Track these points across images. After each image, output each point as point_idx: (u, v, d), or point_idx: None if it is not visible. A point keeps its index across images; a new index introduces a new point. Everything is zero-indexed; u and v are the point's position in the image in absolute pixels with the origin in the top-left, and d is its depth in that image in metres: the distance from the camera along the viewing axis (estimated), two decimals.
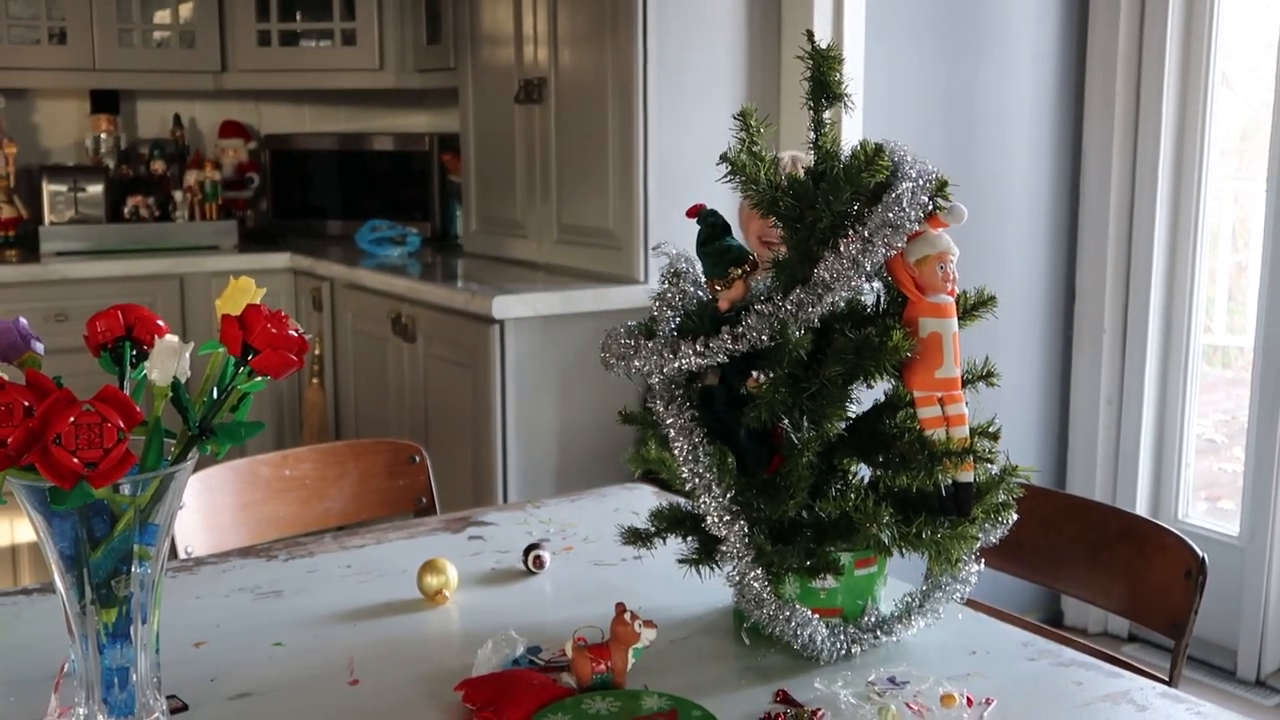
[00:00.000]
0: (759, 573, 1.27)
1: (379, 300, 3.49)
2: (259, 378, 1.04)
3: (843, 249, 1.24)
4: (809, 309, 1.24)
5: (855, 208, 1.26)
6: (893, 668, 1.28)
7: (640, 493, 1.90)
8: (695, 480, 1.28)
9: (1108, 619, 3.55)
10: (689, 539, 1.37)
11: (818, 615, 1.30)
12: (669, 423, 1.30)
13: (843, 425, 1.30)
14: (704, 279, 1.32)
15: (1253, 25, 3.33)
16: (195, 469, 1.07)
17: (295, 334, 1.04)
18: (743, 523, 1.27)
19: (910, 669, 1.27)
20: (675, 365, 1.27)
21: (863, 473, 1.36)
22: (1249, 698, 3.17)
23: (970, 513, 1.28)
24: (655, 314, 1.33)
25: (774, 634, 1.29)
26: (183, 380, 1.04)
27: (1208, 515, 3.49)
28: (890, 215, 1.23)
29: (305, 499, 2.02)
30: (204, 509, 1.88)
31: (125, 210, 4.09)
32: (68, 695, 1.10)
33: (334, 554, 1.65)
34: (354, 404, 3.73)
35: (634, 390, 1.37)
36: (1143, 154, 3.38)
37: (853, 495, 1.29)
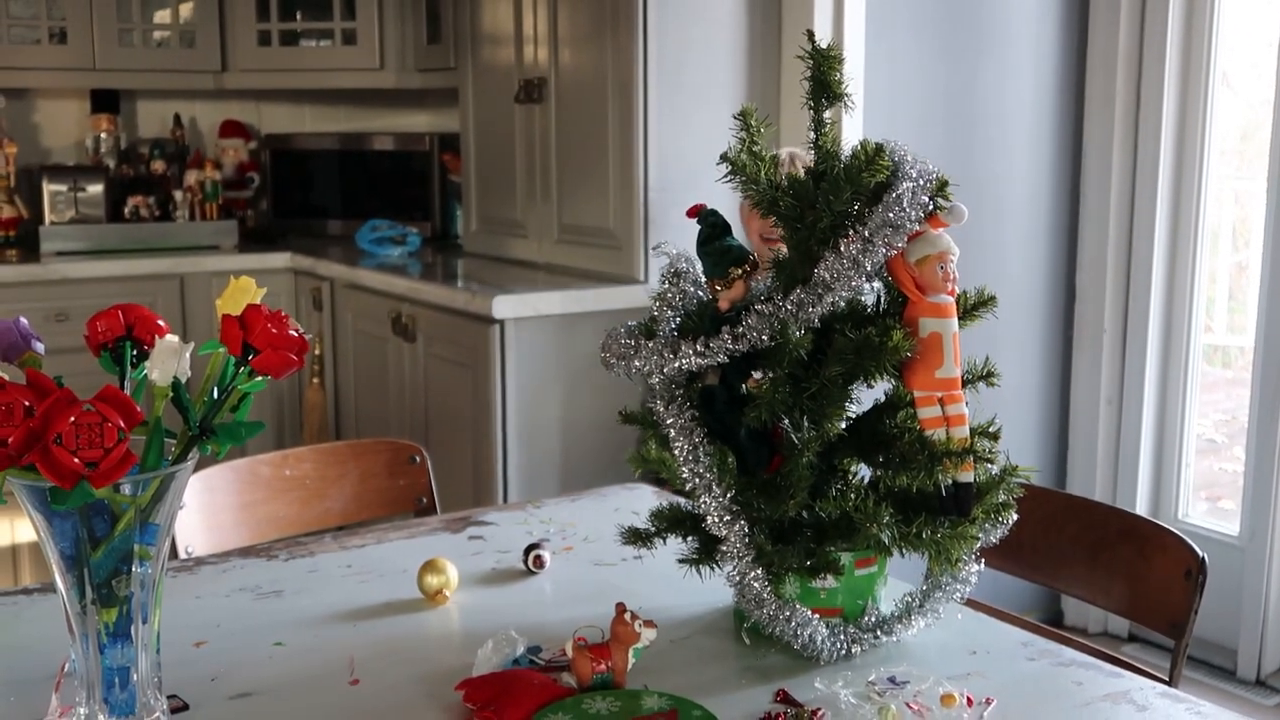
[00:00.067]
0: (759, 573, 1.27)
1: (379, 300, 3.49)
2: (259, 378, 1.04)
3: (843, 249, 1.24)
4: (809, 309, 1.24)
5: (855, 208, 1.27)
6: (893, 668, 1.28)
7: (640, 493, 1.90)
8: (695, 480, 1.28)
9: (1108, 619, 3.55)
10: (689, 539, 1.37)
11: (818, 615, 1.30)
12: (669, 423, 1.30)
13: (843, 425, 1.30)
14: (704, 279, 1.32)
15: (1253, 25, 3.33)
16: (196, 469, 1.08)
17: (295, 334, 1.04)
18: (743, 523, 1.27)
19: (910, 669, 1.27)
20: (675, 365, 1.27)
21: (863, 473, 1.36)
22: (1249, 697, 3.17)
23: (970, 513, 1.28)
24: (655, 314, 1.33)
25: (774, 634, 1.29)
26: (183, 380, 1.04)
27: (1208, 515, 3.49)
28: (890, 215, 1.23)
29: (305, 499, 2.02)
30: (204, 509, 1.88)
31: (125, 210, 4.09)
32: (68, 695, 1.10)
33: (334, 554, 1.65)
34: (354, 404, 3.74)
35: (634, 390, 1.37)
36: (1143, 154, 3.38)
37: (853, 495, 1.29)
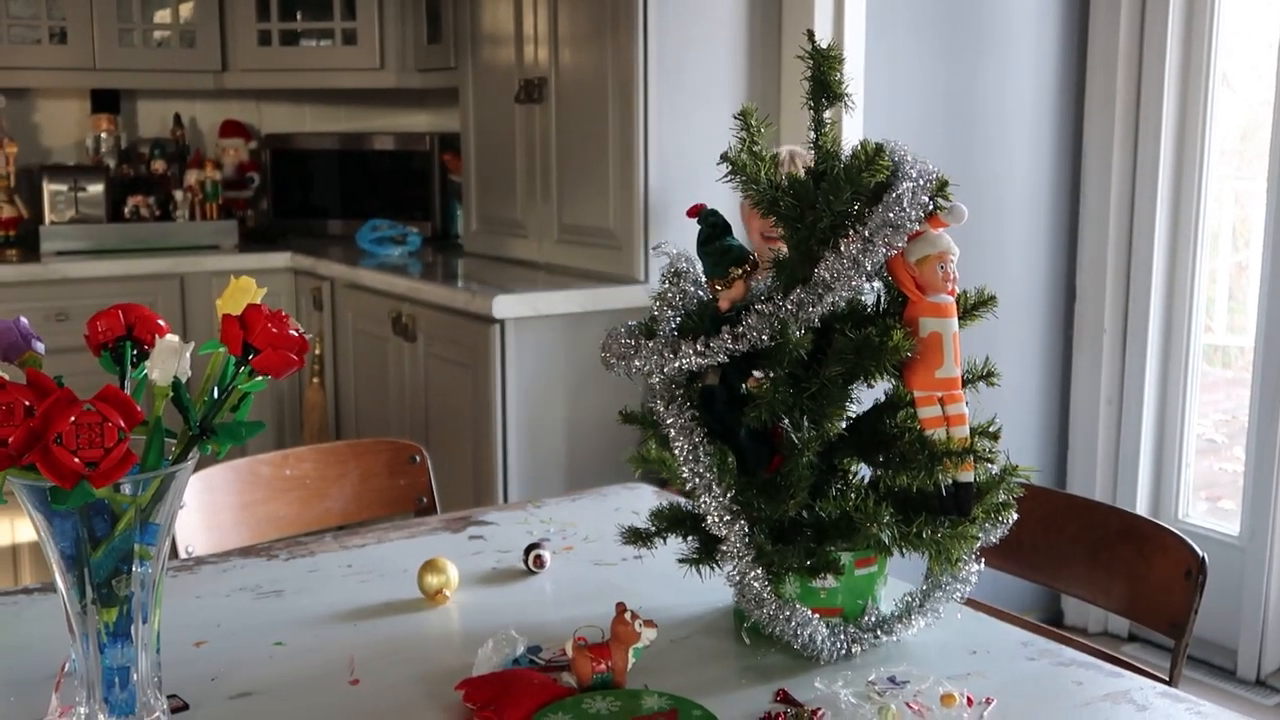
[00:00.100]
0: (759, 572, 1.27)
1: (379, 300, 3.49)
2: (259, 377, 1.04)
3: (843, 249, 1.24)
4: (809, 309, 1.24)
5: (856, 207, 1.27)
6: (893, 667, 1.28)
7: (640, 493, 1.90)
8: (695, 480, 1.28)
9: (1108, 619, 3.55)
10: (689, 539, 1.37)
11: (818, 615, 1.30)
12: (669, 422, 1.30)
13: (843, 425, 1.30)
14: (704, 279, 1.32)
15: (1253, 25, 3.33)
16: (196, 468, 1.08)
17: (296, 333, 1.04)
18: (743, 522, 1.27)
19: (910, 668, 1.27)
20: (675, 365, 1.27)
21: (863, 472, 1.36)
22: (1249, 697, 3.17)
23: (970, 512, 1.28)
24: (656, 314, 1.33)
25: (774, 634, 1.29)
26: (183, 380, 1.04)
27: (1208, 515, 3.49)
28: (891, 215, 1.23)
29: (306, 499, 2.02)
30: (204, 508, 1.88)
31: (126, 210, 4.09)
32: (68, 695, 1.10)
33: (334, 553, 1.65)
34: (354, 404, 3.74)
35: (635, 390, 1.37)
36: (1143, 154, 3.38)
37: (853, 495, 1.29)
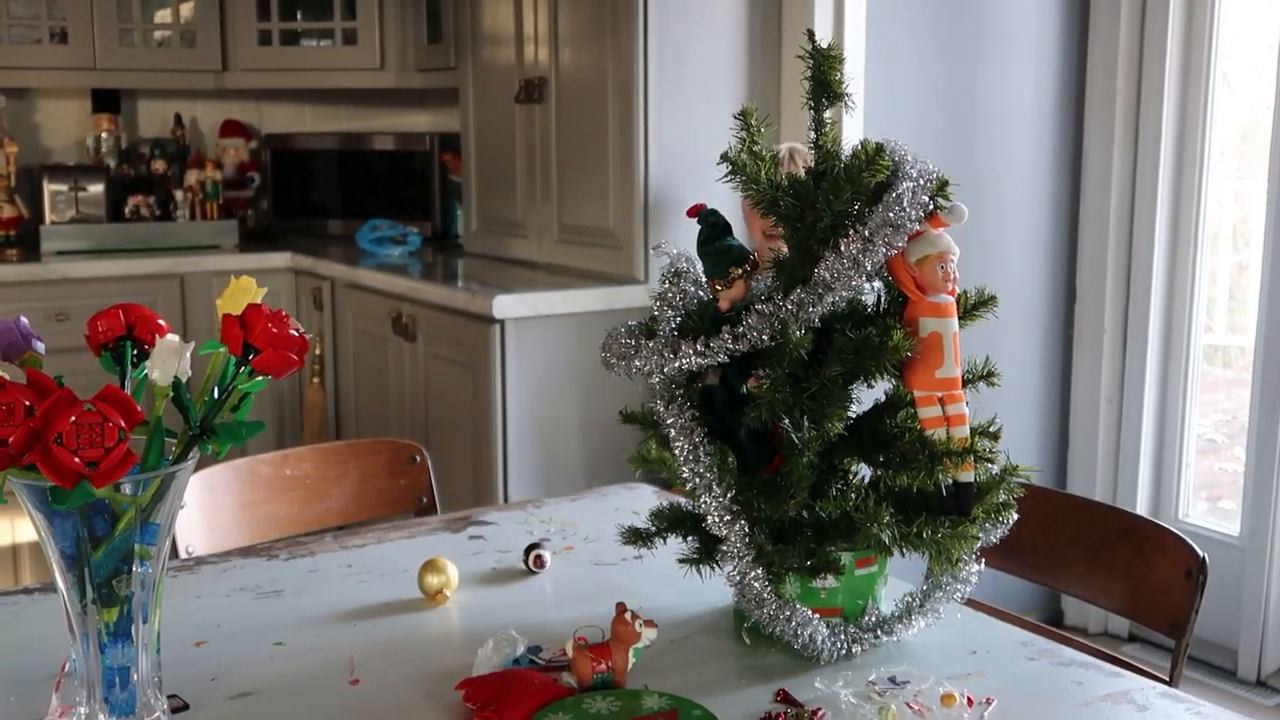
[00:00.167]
0: (759, 572, 1.27)
1: (379, 300, 3.49)
2: (260, 377, 1.04)
3: (843, 248, 1.24)
4: (809, 309, 1.24)
5: (856, 207, 1.27)
6: (893, 667, 1.28)
7: (641, 492, 1.90)
8: (695, 480, 1.28)
9: (1108, 619, 3.55)
10: (689, 539, 1.37)
11: (818, 615, 1.30)
12: (669, 422, 1.30)
13: (843, 425, 1.30)
14: (704, 279, 1.32)
15: (1253, 25, 3.33)
16: (196, 468, 1.08)
17: (296, 333, 1.04)
18: (743, 522, 1.27)
19: (910, 669, 1.27)
20: (676, 365, 1.27)
21: (863, 472, 1.36)
22: (1249, 698, 3.17)
23: (970, 512, 1.28)
24: (656, 314, 1.33)
25: (774, 634, 1.29)
26: (184, 380, 1.04)
27: (1208, 515, 3.49)
28: (891, 215, 1.23)
29: (306, 498, 2.02)
30: (205, 508, 1.88)
31: (126, 210, 4.09)
32: (69, 695, 1.10)
33: (334, 553, 1.65)
34: (354, 404, 3.74)
35: (635, 390, 1.37)
36: (1143, 154, 3.38)
37: (853, 495, 1.29)
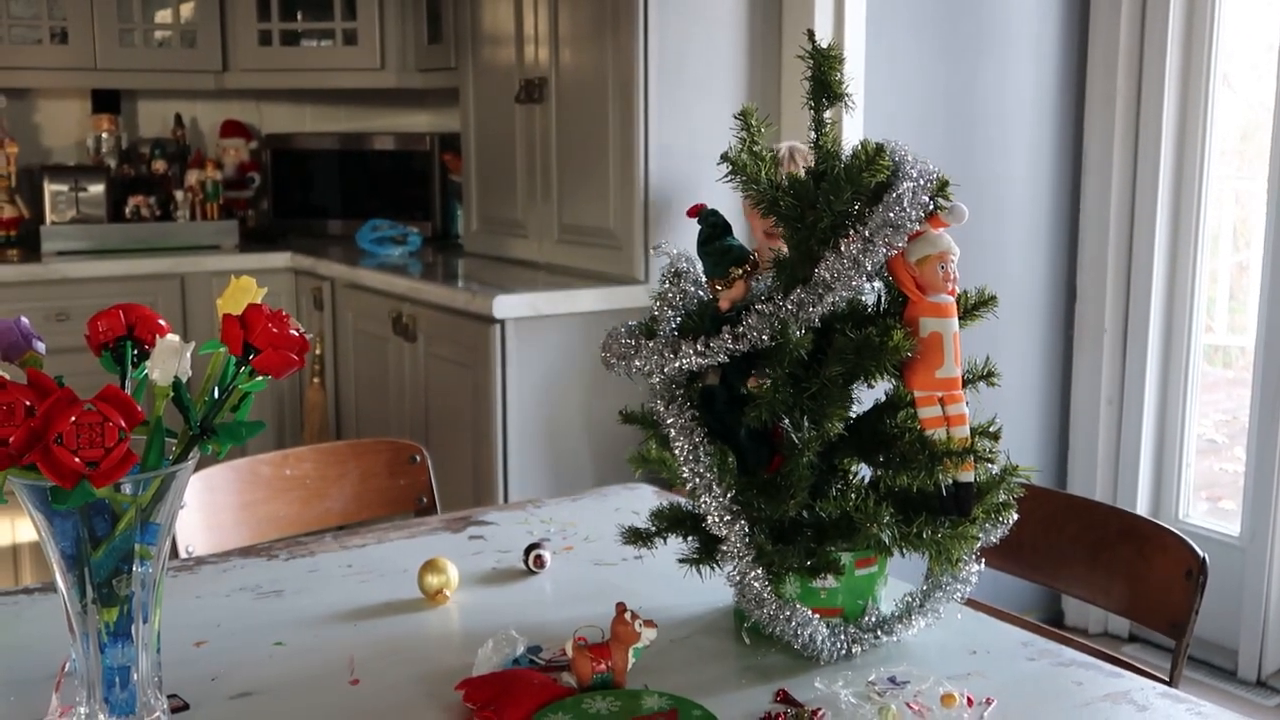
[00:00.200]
0: (759, 572, 1.27)
1: (380, 300, 3.49)
2: (260, 377, 1.04)
3: (843, 249, 1.24)
4: (810, 309, 1.24)
5: (856, 207, 1.27)
6: (893, 667, 1.28)
7: (640, 493, 1.90)
8: (695, 480, 1.28)
9: (1108, 619, 3.55)
10: (689, 539, 1.37)
11: (818, 615, 1.30)
12: (669, 422, 1.30)
13: (843, 425, 1.30)
14: (704, 279, 1.32)
15: (1253, 25, 3.33)
16: (196, 468, 1.08)
17: (296, 333, 1.04)
18: (743, 522, 1.27)
19: (910, 669, 1.27)
20: (676, 365, 1.27)
21: (863, 472, 1.36)
22: (1249, 698, 3.17)
23: (970, 512, 1.28)
24: (656, 314, 1.33)
25: (774, 634, 1.29)
26: (184, 380, 1.04)
27: (1208, 515, 3.49)
28: (891, 215, 1.23)
29: (306, 498, 2.02)
30: (205, 508, 1.88)
31: (126, 210, 4.09)
32: (69, 694, 1.10)
33: (334, 553, 1.65)
34: (354, 404, 3.74)
35: (635, 390, 1.36)
36: (1143, 154, 3.38)
37: (853, 495, 1.29)
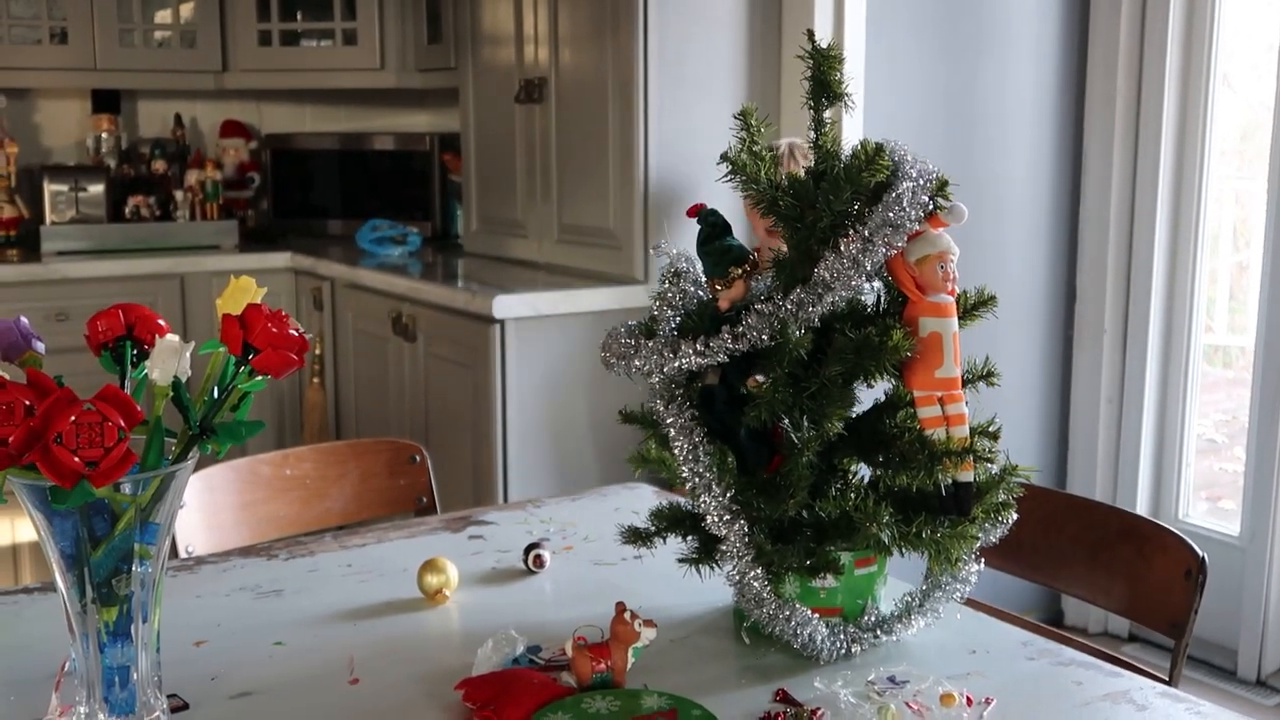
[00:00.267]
0: (759, 572, 1.27)
1: (379, 300, 3.49)
2: (259, 377, 1.04)
3: (843, 248, 1.24)
4: (809, 308, 1.24)
5: (855, 207, 1.27)
6: (892, 667, 1.28)
7: (640, 492, 1.90)
8: (695, 480, 1.28)
9: (1108, 619, 3.55)
10: (689, 538, 1.37)
11: (818, 614, 1.30)
12: (669, 422, 1.30)
13: (842, 425, 1.30)
14: (704, 278, 1.32)
15: (1253, 25, 3.33)
16: (196, 468, 1.08)
17: (296, 333, 1.04)
18: (743, 522, 1.27)
19: (910, 668, 1.27)
20: (675, 365, 1.27)
21: (863, 472, 1.36)
22: (1249, 698, 3.17)
23: (970, 512, 1.28)
24: (655, 313, 1.33)
25: (774, 633, 1.29)
26: (183, 379, 1.04)
27: (1208, 515, 3.49)
28: (890, 215, 1.23)
29: (306, 498, 2.02)
30: (205, 508, 1.88)
31: (126, 210, 4.09)
32: (68, 694, 1.10)
33: (334, 553, 1.65)
34: (354, 404, 3.74)
35: (635, 390, 1.36)
36: (1143, 153, 3.38)
37: (853, 495, 1.29)
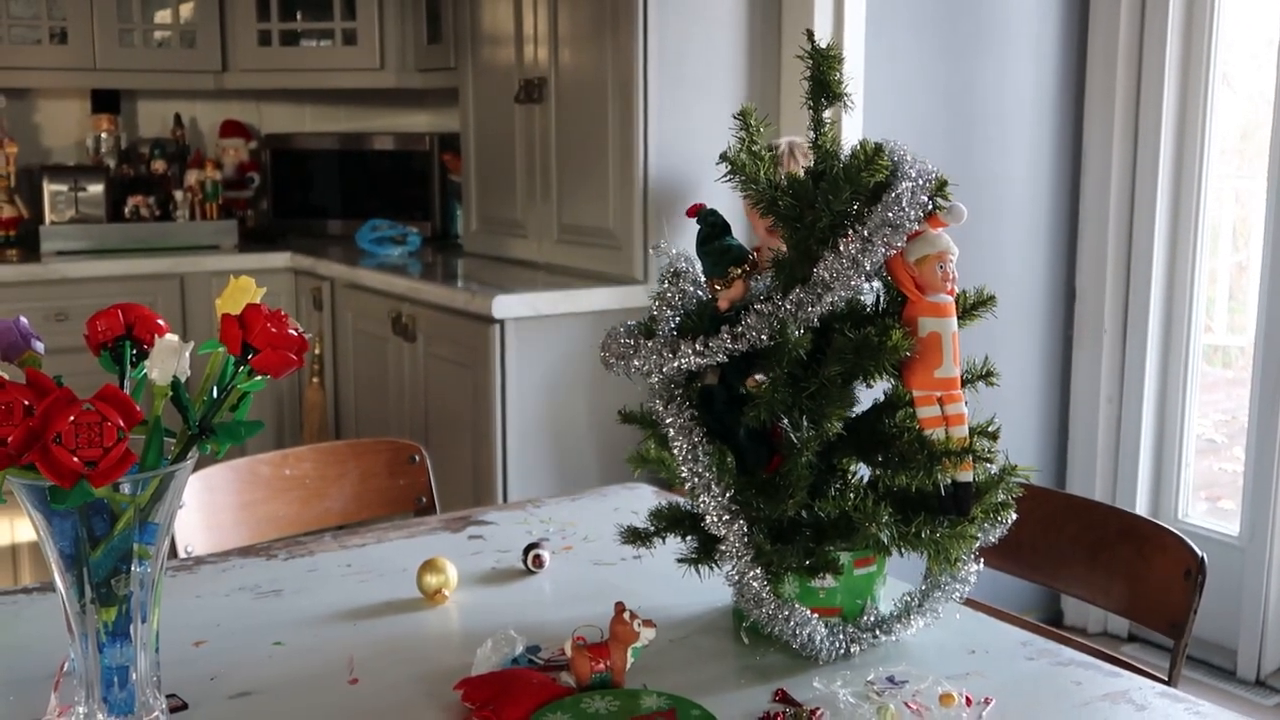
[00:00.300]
0: (758, 572, 1.27)
1: (379, 300, 3.49)
2: (259, 377, 1.04)
3: (842, 248, 1.24)
4: (809, 308, 1.24)
5: (855, 207, 1.27)
6: (892, 667, 1.28)
7: (640, 493, 1.90)
8: (695, 480, 1.28)
9: (1108, 619, 3.55)
10: (688, 538, 1.37)
11: (817, 614, 1.30)
12: (668, 422, 1.30)
13: (842, 425, 1.30)
14: (704, 278, 1.32)
15: (1253, 23, 3.33)
16: (195, 468, 1.08)
17: (295, 333, 1.04)
18: (742, 522, 1.27)
19: (909, 668, 1.27)
20: (675, 365, 1.27)
21: (862, 472, 1.36)
22: (1249, 698, 3.17)
23: (969, 512, 1.28)
24: (655, 313, 1.33)
25: (773, 633, 1.29)
26: (183, 379, 1.04)
27: (1208, 515, 3.49)
28: (890, 215, 1.23)
29: (305, 498, 2.02)
30: (204, 508, 1.88)
31: (126, 210, 4.09)
32: (68, 694, 1.10)
33: (334, 553, 1.65)
34: (354, 404, 3.74)
35: (634, 390, 1.36)
36: (1143, 153, 3.38)
37: (852, 495, 1.29)
